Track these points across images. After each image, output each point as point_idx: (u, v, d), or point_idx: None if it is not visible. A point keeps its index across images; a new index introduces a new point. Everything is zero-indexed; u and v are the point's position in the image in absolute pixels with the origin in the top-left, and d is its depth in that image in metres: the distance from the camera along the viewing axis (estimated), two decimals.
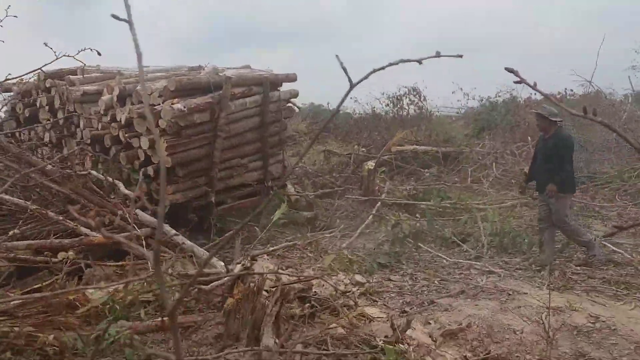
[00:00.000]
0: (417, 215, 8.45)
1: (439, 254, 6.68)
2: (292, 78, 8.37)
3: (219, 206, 7.23)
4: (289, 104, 8.57)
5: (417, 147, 12.88)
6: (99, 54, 3.37)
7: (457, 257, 6.64)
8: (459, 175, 12.29)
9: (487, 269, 5.96)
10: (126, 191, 5.44)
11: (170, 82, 6.63)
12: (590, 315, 4.53)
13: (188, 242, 5.13)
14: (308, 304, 4.29)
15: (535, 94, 18.43)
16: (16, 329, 3.23)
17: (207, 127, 6.86)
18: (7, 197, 5.11)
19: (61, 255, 4.29)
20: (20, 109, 8.57)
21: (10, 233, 4.92)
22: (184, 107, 6.35)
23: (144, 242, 5.15)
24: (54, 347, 3.23)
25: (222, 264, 4.65)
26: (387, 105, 14.56)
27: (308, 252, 6.79)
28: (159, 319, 3.85)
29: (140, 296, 4.38)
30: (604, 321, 4.43)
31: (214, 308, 4.23)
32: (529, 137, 13.33)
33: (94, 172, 5.71)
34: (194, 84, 6.84)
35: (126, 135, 6.82)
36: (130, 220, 5.38)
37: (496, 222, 7.30)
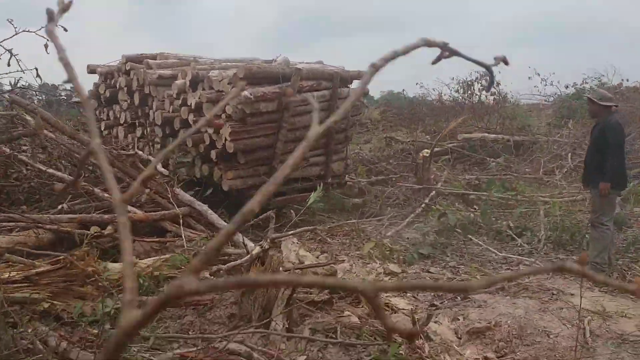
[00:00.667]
0: (476, 206, 8.06)
1: (489, 248, 6.30)
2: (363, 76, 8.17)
3: (277, 197, 7.09)
4: (358, 102, 8.26)
5: (487, 134, 12.26)
6: (65, 30, 3.43)
7: (509, 252, 6.24)
8: (531, 166, 11.57)
9: (538, 266, 5.54)
10: (161, 169, 5.58)
11: (239, 70, 6.65)
12: None
13: (221, 222, 5.20)
14: (327, 290, 4.19)
15: (627, 79, 16.79)
16: (36, 295, 3.42)
17: (273, 117, 6.84)
18: (58, 173, 5.43)
19: (93, 229, 4.49)
20: (103, 90, 8.87)
21: (59, 207, 5.24)
22: (251, 95, 6.37)
23: (181, 220, 5.27)
24: (69, 313, 3.39)
25: (252, 244, 4.65)
26: (457, 91, 13.95)
27: (350, 238, 6.70)
28: None
29: (167, 271, 4.53)
30: None
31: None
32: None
33: (139, 152, 5.92)
34: (264, 73, 6.82)
35: (194, 119, 6.91)
36: (170, 199, 5.56)
37: (557, 216, 6.77)
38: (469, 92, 13.63)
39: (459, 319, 4.25)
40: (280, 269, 3.93)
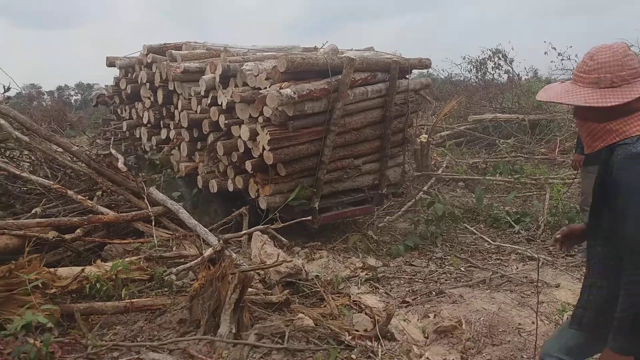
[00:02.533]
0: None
1: (483, 236, 5.98)
2: (425, 64, 6.69)
3: (323, 213, 5.93)
4: (418, 95, 6.75)
5: (499, 115, 11.75)
6: None
7: (504, 240, 5.91)
8: (547, 146, 11.05)
9: (530, 255, 5.21)
10: (123, 167, 5.45)
11: (280, 62, 5.36)
12: None
13: (192, 221, 5.05)
14: (288, 290, 4.01)
15: None
16: None
17: (319, 119, 5.58)
18: (33, 177, 5.40)
19: (51, 234, 4.42)
20: (124, 85, 7.93)
21: (33, 211, 5.21)
22: (295, 94, 5.17)
23: (153, 221, 5.17)
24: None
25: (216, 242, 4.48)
26: (470, 70, 13.40)
27: (339, 230, 6.49)
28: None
29: (129, 274, 4.42)
30: None
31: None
32: None
33: (113, 151, 5.82)
34: (309, 65, 5.47)
35: (226, 121, 5.84)
36: (144, 198, 5.47)
37: (558, 199, 6.37)
38: (482, 71, 13.08)
39: (429, 317, 4.00)
40: (234, 269, 3.77)
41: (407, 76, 6.41)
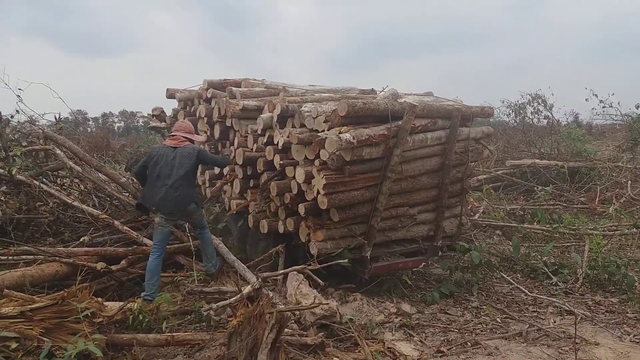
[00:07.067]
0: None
1: (519, 287, 5.91)
2: (487, 112, 6.48)
3: (373, 262, 5.69)
4: (479, 144, 6.42)
5: (537, 161, 11.65)
6: None
7: (541, 292, 5.82)
8: (587, 195, 10.85)
9: (568, 309, 5.12)
10: None
11: (341, 106, 5.23)
12: None
13: (231, 256, 5.19)
14: (322, 333, 4.06)
15: None
16: (29, 331, 3.53)
17: (376, 164, 5.42)
18: (83, 206, 5.67)
19: (99, 265, 4.61)
20: (181, 118, 7.89)
21: (81, 239, 5.46)
22: (354, 139, 5.03)
23: (193, 254, 5.34)
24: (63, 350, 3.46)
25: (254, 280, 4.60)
26: (508, 115, 13.40)
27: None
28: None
29: (170, 308, 4.56)
30: None
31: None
32: None
33: None
34: (369, 110, 5.31)
35: (281, 162, 5.73)
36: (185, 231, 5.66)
37: (598, 252, 6.26)
38: (521, 115, 13.05)
39: None
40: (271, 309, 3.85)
41: (468, 124, 6.14)
